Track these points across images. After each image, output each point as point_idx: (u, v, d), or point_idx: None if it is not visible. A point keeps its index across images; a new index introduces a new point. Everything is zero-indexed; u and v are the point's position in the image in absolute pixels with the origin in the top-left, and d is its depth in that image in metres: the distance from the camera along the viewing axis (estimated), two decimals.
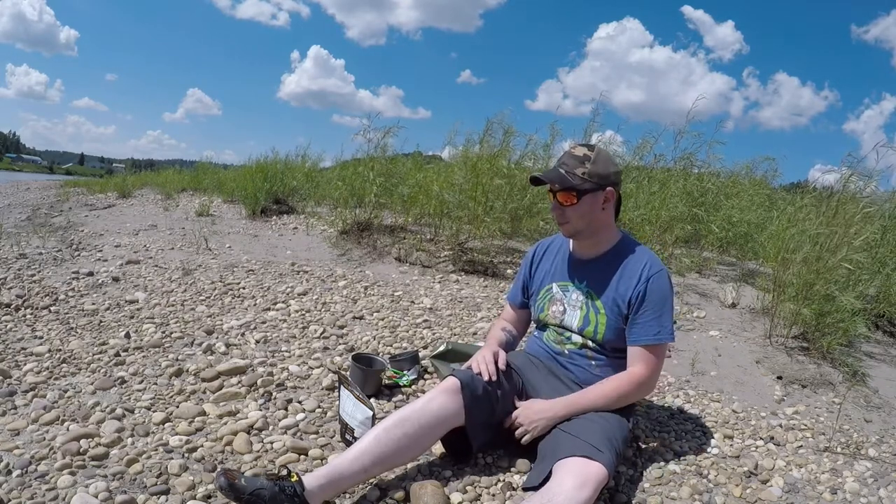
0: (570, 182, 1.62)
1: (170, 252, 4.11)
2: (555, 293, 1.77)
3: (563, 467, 1.33)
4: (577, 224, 1.67)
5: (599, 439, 1.40)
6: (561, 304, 1.74)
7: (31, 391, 1.85)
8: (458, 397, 1.51)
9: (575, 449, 1.37)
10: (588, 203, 1.64)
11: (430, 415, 1.47)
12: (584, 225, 1.67)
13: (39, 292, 2.92)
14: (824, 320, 2.63)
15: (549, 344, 1.76)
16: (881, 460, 1.78)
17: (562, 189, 1.64)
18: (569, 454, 1.36)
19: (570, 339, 1.71)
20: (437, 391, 1.52)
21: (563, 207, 1.66)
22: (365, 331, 2.62)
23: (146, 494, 1.34)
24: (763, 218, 4.76)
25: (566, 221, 1.68)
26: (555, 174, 1.66)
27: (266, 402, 1.86)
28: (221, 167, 9.65)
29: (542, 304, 1.79)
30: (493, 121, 4.50)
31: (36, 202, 7.94)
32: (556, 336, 1.75)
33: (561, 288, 1.76)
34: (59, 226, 5.36)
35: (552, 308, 1.76)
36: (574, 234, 1.71)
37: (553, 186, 1.67)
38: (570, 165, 1.65)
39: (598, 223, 1.68)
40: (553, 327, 1.76)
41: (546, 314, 1.77)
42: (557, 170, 1.66)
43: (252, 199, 5.91)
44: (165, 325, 2.54)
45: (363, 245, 4.41)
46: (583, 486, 1.27)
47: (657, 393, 2.18)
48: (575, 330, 1.70)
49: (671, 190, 3.93)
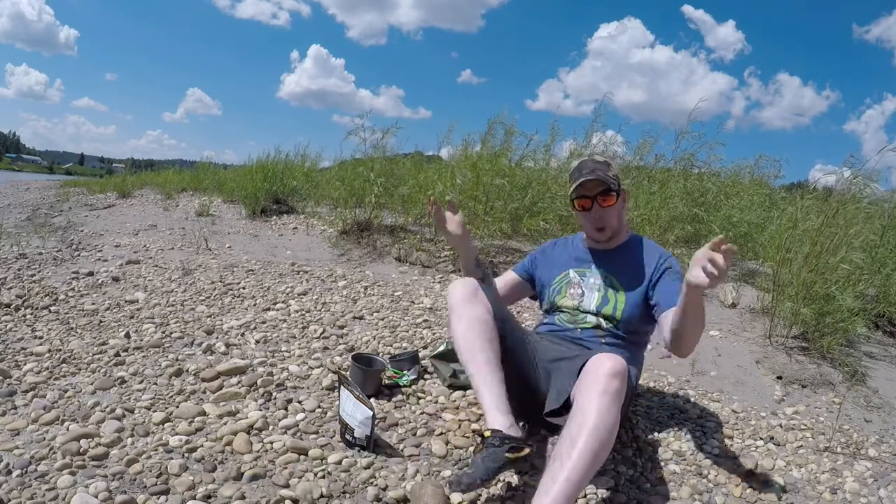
0: (610, 183, 1.74)
1: (170, 252, 4.11)
2: (572, 278, 1.86)
3: (583, 379, 1.35)
4: (615, 224, 1.80)
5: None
6: (579, 286, 1.83)
7: (31, 391, 1.85)
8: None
9: (589, 357, 1.41)
10: (621, 202, 1.81)
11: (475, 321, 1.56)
12: (618, 224, 1.82)
13: (39, 292, 2.92)
14: (824, 320, 2.63)
15: (562, 324, 1.81)
16: (881, 460, 1.78)
17: (608, 191, 1.75)
18: (584, 364, 1.40)
19: (584, 319, 1.77)
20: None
21: (605, 210, 1.77)
22: (365, 331, 2.62)
23: (146, 494, 1.34)
24: (763, 218, 4.76)
25: (606, 225, 1.78)
26: (604, 177, 1.74)
27: (266, 402, 1.85)
28: (221, 167, 9.64)
29: (558, 287, 1.87)
30: (494, 121, 4.51)
31: (36, 202, 7.94)
32: (569, 317, 1.81)
33: (578, 273, 1.85)
34: (59, 226, 5.36)
35: (570, 291, 1.83)
36: (611, 237, 1.82)
37: (595, 189, 1.75)
38: (603, 170, 1.75)
39: (623, 221, 1.85)
40: (567, 311, 1.82)
41: (563, 296, 1.84)
42: (597, 174, 1.74)
43: (252, 199, 5.91)
44: (165, 325, 2.54)
45: (363, 245, 4.41)
46: (610, 378, 1.30)
47: (657, 393, 2.19)
48: (592, 310, 1.76)
49: (671, 190, 3.93)
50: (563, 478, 1.19)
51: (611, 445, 1.28)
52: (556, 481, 1.19)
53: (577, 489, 1.20)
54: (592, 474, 1.25)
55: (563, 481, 1.19)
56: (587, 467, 1.22)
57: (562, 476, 1.19)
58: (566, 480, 1.18)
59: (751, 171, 6.02)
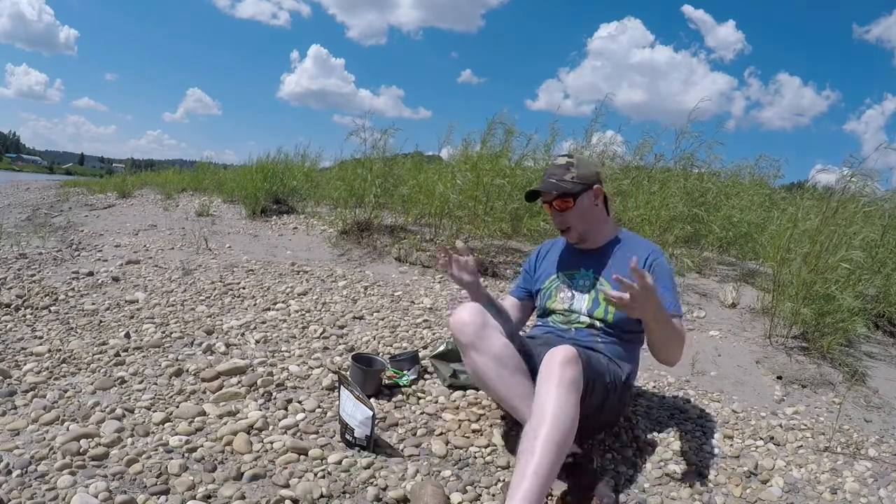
0: (563, 188, 1.76)
1: (170, 252, 4.11)
2: (562, 281, 1.86)
3: (540, 373, 1.40)
4: (578, 226, 1.80)
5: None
6: (569, 290, 1.83)
7: (31, 391, 1.85)
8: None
9: (542, 355, 1.45)
10: (582, 204, 1.78)
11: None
12: (584, 226, 1.81)
13: (39, 292, 2.92)
14: (824, 320, 2.63)
15: (555, 325, 1.82)
16: (881, 460, 1.78)
17: (558, 197, 1.77)
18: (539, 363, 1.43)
19: (577, 319, 1.78)
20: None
21: (562, 213, 1.79)
22: (365, 331, 2.62)
23: (146, 494, 1.34)
24: (763, 218, 4.76)
25: (567, 227, 1.81)
26: (548, 185, 1.79)
27: (266, 402, 1.86)
28: (221, 167, 9.64)
29: (548, 291, 1.87)
30: (494, 120, 4.50)
31: (36, 202, 7.94)
32: (562, 318, 1.81)
33: (567, 276, 1.85)
34: (59, 226, 5.36)
35: (560, 295, 1.83)
36: (579, 238, 1.83)
37: (549, 196, 1.80)
38: (559, 175, 1.78)
39: (595, 220, 1.82)
40: (559, 312, 1.82)
41: (554, 300, 1.84)
42: (548, 181, 1.79)
43: (252, 199, 5.91)
44: (165, 325, 2.54)
45: (363, 245, 4.41)
46: (563, 367, 1.35)
47: (657, 393, 2.19)
48: (584, 313, 1.76)
49: (671, 190, 3.92)
50: (530, 472, 1.24)
51: (573, 433, 1.33)
52: (525, 476, 1.24)
53: (546, 481, 1.26)
54: (560, 464, 1.31)
55: (531, 475, 1.24)
56: (553, 459, 1.27)
57: (529, 471, 1.24)
58: (534, 475, 1.24)
59: (751, 171, 6.03)
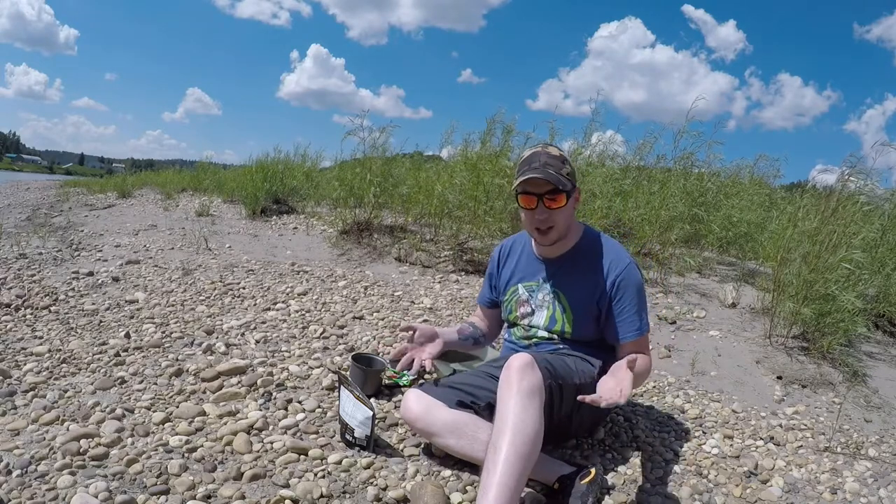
0: (562, 182, 1.55)
1: (170, 252, 4.11)
2: (521, 294, 1.76)
3: (499, 385, 1.36)
4: (562, 226, 1.62)
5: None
6: (528, 305, 1.74)
7: (31, 391, 1.85)
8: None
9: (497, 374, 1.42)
10: (571, 203, 1.62)
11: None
12: (566, 227, 1.63)
13: (39, 292, 2.92)
14: (824, 320, 2.63)
15: (518, 340, 1.78)
16: (881, 460, 1.78)
17: (554, 191, 1.55)
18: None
19: (536, 333, 1.73)
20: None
21: (552, 211, 1.57)
22: (365, 331, 2.62)
23: (146, 494, 1.34)
24: (763, 218, 4.76)
25: (552, 226, 1.60)
26: (553, 177, 1.53)
27: (266, 402, 1.85)
28: (221, 167, 9.65)
29: (509, 305, 1.80)
30: (494, 120, 4.50)
31: (36, 202, 7.94)
32: (523, 332, 1.77)
33: (527, 289, 1.75)
34: (59, 226, 5.36)
35: (520, 309, 1.76)
36: (557, 240, 1.64)
37: (544, 188, 1.55)
38: (556, 167, 1.54)
39: (570, 224, 1.66)
40: (521, 326, 1.78)
41: (514, 315, 1.78)
42: (547, 171, 1.53)
43: (252, 199, 5.91)
44: (165, 325, 2.54)
45: (363, 245, 4.41)
46: (520, 375, 1.31)
47: (657, 393, 2.19)
48: (542, 328, 1.71)
49: (671, 190, 3.92)
50: (494, 483, 1.19)
51: (538, 442, 1.28)
52: (487, 492, 1.19)
53: (513, 492, 1.20)
54: (527, 472, 1.26)
55: (495, 486, 1.19)
56: (518, 470, 1.22)
57: (493, 482, 1.20)
58: (499, 485, 1.19)
59: (750, 170, 6.03)
